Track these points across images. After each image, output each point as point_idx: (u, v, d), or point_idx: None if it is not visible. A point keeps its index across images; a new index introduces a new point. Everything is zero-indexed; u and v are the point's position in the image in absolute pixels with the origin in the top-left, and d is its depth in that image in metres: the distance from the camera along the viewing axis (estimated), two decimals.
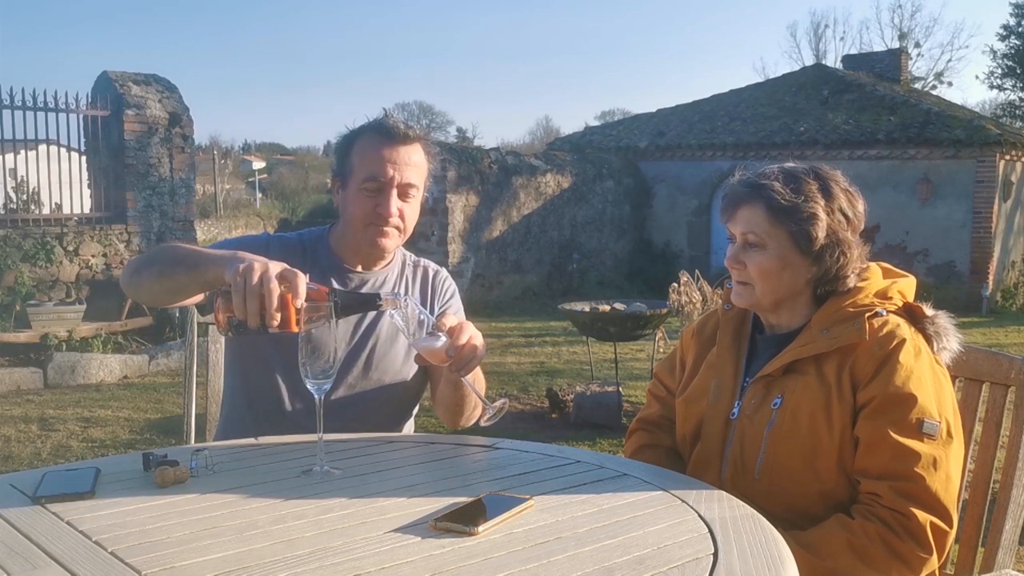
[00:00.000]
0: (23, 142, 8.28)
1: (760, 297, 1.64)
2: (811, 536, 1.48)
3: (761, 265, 1.61)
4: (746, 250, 1.62)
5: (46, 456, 4.84)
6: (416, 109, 50.50)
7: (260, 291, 1.39)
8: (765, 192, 1.59)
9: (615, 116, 36.09)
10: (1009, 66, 24.23)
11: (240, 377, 1.93)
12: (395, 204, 1.83)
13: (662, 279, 8.28)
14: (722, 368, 1.72)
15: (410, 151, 1.84)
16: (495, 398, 1.62)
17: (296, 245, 1.95)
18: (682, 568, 1.08)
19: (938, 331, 1.62)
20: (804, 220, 1.58)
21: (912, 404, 1.49)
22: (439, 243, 10.71)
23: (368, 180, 1.82)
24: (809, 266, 1.61)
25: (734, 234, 1.65)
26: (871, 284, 1.63)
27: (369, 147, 1.84)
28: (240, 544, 1.15)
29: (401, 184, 1.83)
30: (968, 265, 11.90)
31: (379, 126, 1.84)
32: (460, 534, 1.18)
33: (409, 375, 1.94)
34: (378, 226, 1.84)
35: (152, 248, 1.70)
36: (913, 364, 1.52)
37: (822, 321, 1.60)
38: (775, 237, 1.59)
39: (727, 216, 1.66)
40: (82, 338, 7.41)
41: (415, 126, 1.88)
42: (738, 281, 1.66)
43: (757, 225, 1.60)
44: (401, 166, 1.82)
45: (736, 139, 13.30)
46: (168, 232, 8.64)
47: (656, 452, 1.81)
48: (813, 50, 33.78)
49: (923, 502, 1.46)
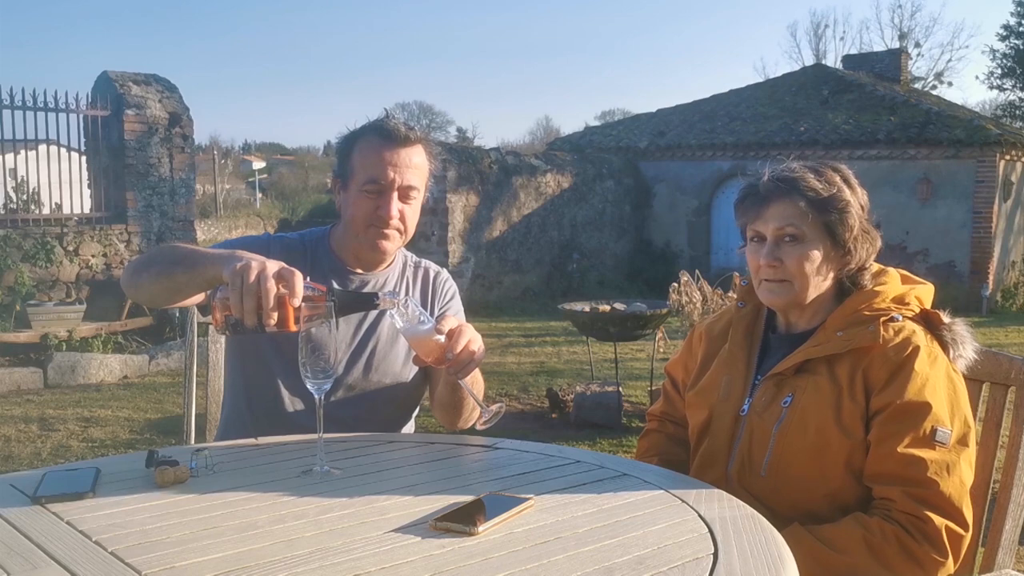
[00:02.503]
0: (23, 142, 8.28)
1: (799, 292, 1.62)
2: (827, 531, 1.48)
3: (801, 259, 1.60)
4: (782, 246, 1.61)
5: (46, 456, 4.84)
6: (416, 109, 50.50)
7: (257, 290, 1.38)
8: (800, 184, 1.59)
9: (615, 116, 36.13)
10: (1009, 66, 24.22)
11: (240, 377, 1.93)
12: (396, 206, 1.83)
13: (662, 279, 8.29)
14: (734, 364, 1.72)
15: (411, 153, 1.84)
16: (494, 399, 1.62)
17: (297, 246, 1.95)
18: (682, 568, 1.08)
19: (955, 338, 1.61)
20: (840, 210, 1.59)
21: (927, 412, 1.49)
22: (439, 243, 10.71)
23: (369, 183, 1.81)
24: (841, 257, 1.62)
25: (762, 232, 1.62)
26: (889, 289, 1.62)
27: (370, 149, 1.83)
28: (240, 544, 1.15)
29: (402, 187, 1.82)
30: (968, 265, 11.90)
31: (380, 128, 1.84)
32: (460, 534, 1.18)
33: (409, 377, 1.93)
34: (379, 228, 1.83)
35: (152, 248, 1.70)
36: (928, 372, 1.52)
37: (837, 322, 1.60)
38: (813, 229, 1.59)
39: (754, 214, 1.63)
40: (82, 338, 7.41)
41: (416, 127, 1.87)
42: (772, 280, 1.63)
43: (796, 217, 1.59)
44: (402, 168, 1.82)
45: (736, 139, 13.30)
46: (168, 232, 8.64)
47: (659, 436, 1.90)
48: (813, 50, 33.85)
49: (937, 507, 1.46)
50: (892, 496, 1.48)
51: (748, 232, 1.66)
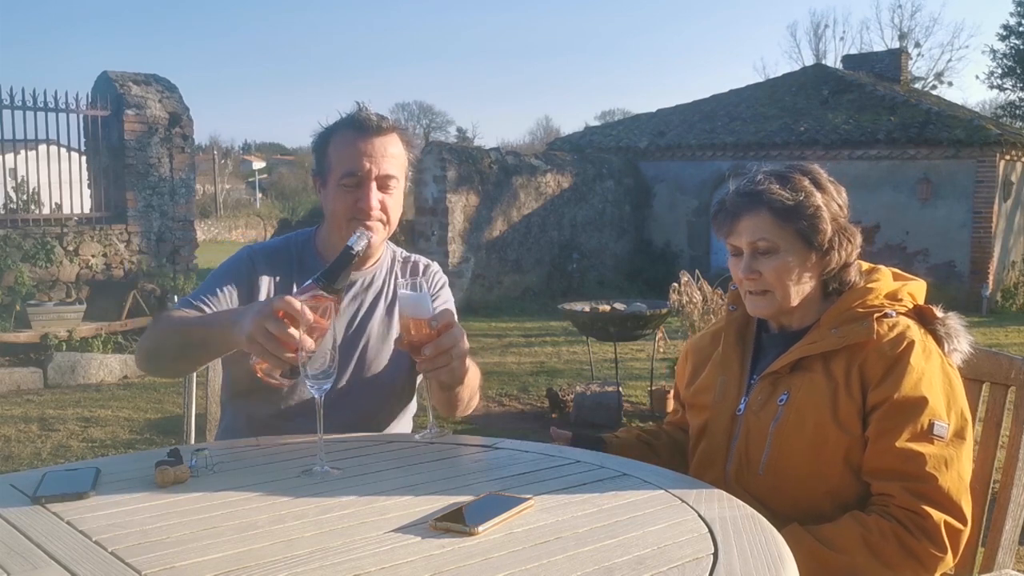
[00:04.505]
0: (23, 142, 8.27)
1: (782, 301, 1.63)
2: (826, 530, 1.48)
3: (777, 268, 1.60)
4: (757, 258, 1.62)
5: (46, 456, 4.84)
6: (416, 109, 50.53)
7: (276, 345, 1.43)
8: (765, 197, 1.59)
9: (615, 116, 36.12)
10: (1009, 66, 24.23)
11: (239, 377, 1.92)
12: (375, 197, 1.81)
13: (662, 279, 8.29)
14: (728, 365, 1.72)
15: (386, 142, 1.82)
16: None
17: (282, 251, 1.94)
18: (682, 568, 1.08)
19: (949, 332, 1.62)
20: (810, 215, 1.59)
21: (923, 407, 1.50)
22: (439, 243, 10.70)
23: (346, 176, 1.81)
24: (820, 260, 1.62)
25: (737, 246, 1.64)
26: (881, 285, 1.63)
27: (344, 142, 1.82)
28: (240, 544, 1.15)
29: (380, 176, 1.81)
30: (968, 265, 11.90)
31: (352, 120, 1.83)
32: (460, 534, 1.18)
33: (400, 376, 1.92)
34: (361, 221, 1.81)
35: (151, 328, 1.75)
36: (924, 366, 1.53)
37: (831, 320, 1.61)
38: (785, 238, 1.60)
39: (727, 230, 1.65)
40: (82, 338, 7.41)
41: (389, 117, 1.85)
42: (755, 292, 1.65)
43: (765, 230, 1.60)
44: (378, 158, 1.80)
45: (736, 139, 13.30)
46: (168, 232, 8.65)
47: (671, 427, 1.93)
48: (813, 50, 33.86)
49: (936, 502, 1.46)
50: (891, 492, 1.48)
51: (727, 246, 1.68)
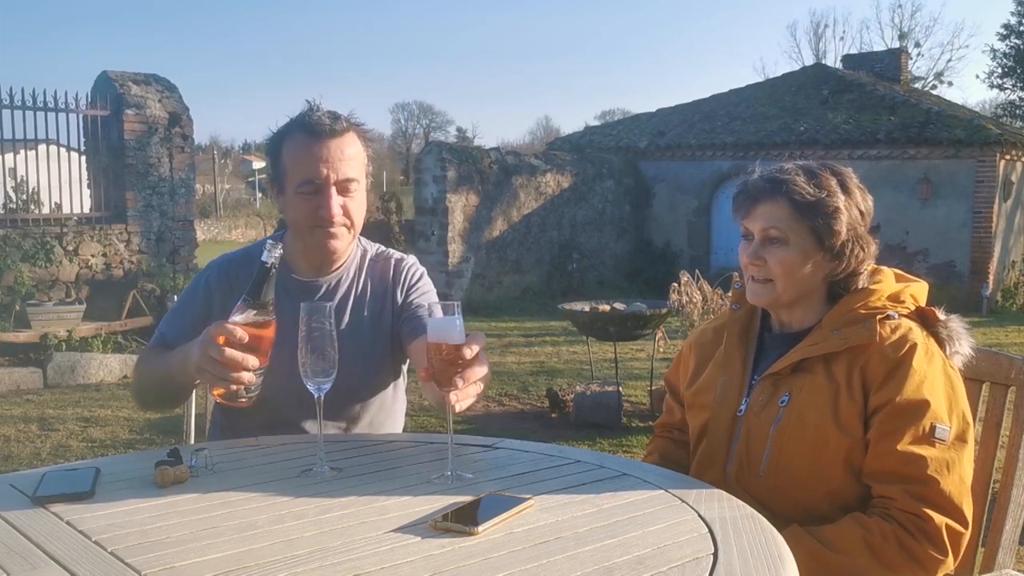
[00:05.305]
0: (23, 142, 8.28)
1: (780, 293, 1.63)
2: (827, 531, 1.48)
3: (784, 261, 1.60)
4: (766, 246, 1.61)
5: (46, 456, 4.84)
6: (416, 109, 50.56)
7: (222, 370, 1.46)
8: (787, 187, 1.58)
9: (615, 116, 36.16)
10: (1009, 66, 24.24)
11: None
12: (336, 203, 1.74)
13: (662, 279, 8.29)
14: (730, 365, 1.72)
15: (342, 144, 1.74)
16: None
17: (242, 263, 1.89)
18: (682, 568, 1.08)
19: (951, 335, 1.61)
20: (828, 215, 1.58)
21: (925, 410, 1.49)
22: (439, 243, 10.70)
23: (304, 184, 1.73)
24: (829, 262, 1.61)
25: (751, 230, 1.63)
26: (884, 287, 1.62)
27: (297, 148, 1.74)
28: (240, 544, 1.15)
29: (339, 181, 1.74)
30: (968, 265, 11.90)
31: (304, 123, 1.74)
32: (460, 534, 1.18)
33: (380, 374, 1.88)
34: (324, 228, 1.76)
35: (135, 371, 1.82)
36: (926, 369, 1.52)
37: (833, 321, 1.60)
38: (798, 232, 1.59)
39: (744, 212, 1.64)
40: (82, 338, 7.41)
41: (343, 115, 1.77)
42: (757, 279, 1.64)
43: (780, 220, 1.59)
44: (335, 163, 1.72)
45: (736, 139, 13.30)
46: (168, 232, 8.65)
47: (662, 441, 1.91)
48: (813, 50, 33.90)
49: (937, 505, 1.46)
50: (892, 494, 1.48)
51: (741, 228, 1.67)
